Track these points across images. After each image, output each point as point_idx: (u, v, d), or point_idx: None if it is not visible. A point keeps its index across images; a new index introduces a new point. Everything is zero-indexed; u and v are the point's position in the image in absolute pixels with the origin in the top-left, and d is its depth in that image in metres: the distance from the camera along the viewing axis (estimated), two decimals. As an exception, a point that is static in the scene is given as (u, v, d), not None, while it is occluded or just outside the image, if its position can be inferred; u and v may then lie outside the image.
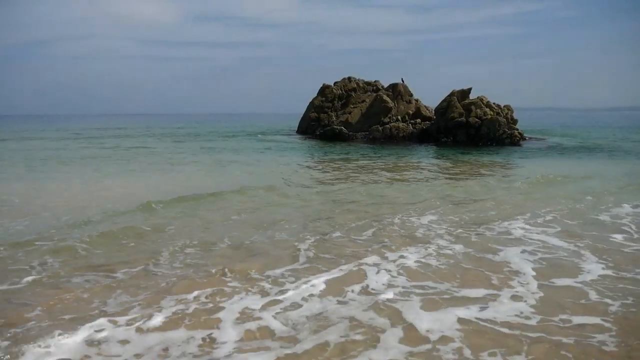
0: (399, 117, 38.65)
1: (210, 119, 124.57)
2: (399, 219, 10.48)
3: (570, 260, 7.83)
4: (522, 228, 9.81)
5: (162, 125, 70.09)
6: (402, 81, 40.71)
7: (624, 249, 8.43)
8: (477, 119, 34.08)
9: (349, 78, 43.64)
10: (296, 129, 47.76)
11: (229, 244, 8.55)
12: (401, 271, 7.17)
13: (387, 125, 37.50)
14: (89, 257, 7.75)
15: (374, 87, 42.67)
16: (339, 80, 43.89)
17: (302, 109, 46.16)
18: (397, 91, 39.92)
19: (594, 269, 7.36)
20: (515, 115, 35.95)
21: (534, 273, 7.16)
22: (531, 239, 9.04)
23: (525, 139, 35.08)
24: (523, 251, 8.22)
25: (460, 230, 9.67)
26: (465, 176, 17.99)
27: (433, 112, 37.94)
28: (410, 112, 39.27)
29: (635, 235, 9.31)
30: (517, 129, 34.96)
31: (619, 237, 9.16)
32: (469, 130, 33.96)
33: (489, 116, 34.23)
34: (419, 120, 38.37)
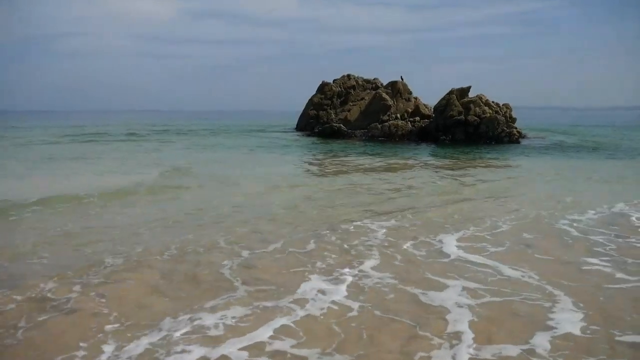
0: (398, 115, 38.59)
1: (210, 116, 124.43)
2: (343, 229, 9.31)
3: (529, 304, 5.94)
4: (465, 247, 8.22)
5: (181, 124, 67.73)
6: (402, 79, 40.65)
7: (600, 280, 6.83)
8: (476, 118, 34.05)
9: (348, 75, 43.60)
10: (295, 126, 47.73)
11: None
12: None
13: (386, 123, 37.43)
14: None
15: (373, 85, 42.63)
16: (338, 77, 43.85)
17: (302, 107, 46.13)
18: (396, 89, 39.85)
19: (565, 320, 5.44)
20: (514, 114, 35.97)
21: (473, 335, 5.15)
22: (475, 263, 7.43)
23: (523, 137, 35.11)
24: (464, 289, 6.39)
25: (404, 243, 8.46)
26: (449, 176, 18.00)
27: (432, 110, 37.91)
28: (409, 110, 39.22)
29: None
30: (516, 128, 34.97)
31: (594, 263, 7.53)
32: (468, 128, 33.94)
33: (488, 115, 34.21)
34: (418, 119, 38.31)
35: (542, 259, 7.71)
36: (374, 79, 43.41)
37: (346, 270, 7.02)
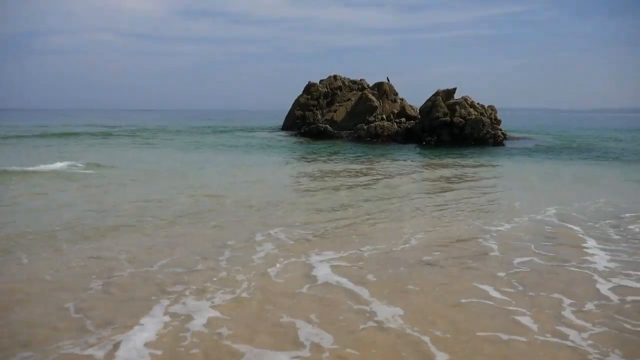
0: (384, 116, 38.62)
1: (198, 115, 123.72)
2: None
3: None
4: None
5: (177, 124, 65.09)
6: (388, 80, 40.70)
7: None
8: (461, 119, 34.16)
9: (335, 76, 43.58)
10: (281, 126, 47.59)
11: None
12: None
13: (372, 124, 37.43)
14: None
15: (360, 86, 42.63)
16: (325, 78, 43.81)
17: (289, 107, 46.03)
18: (383, 90, 39.89)
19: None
20: (499, 116, 36.14)
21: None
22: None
23: (507, 139, 35.28)
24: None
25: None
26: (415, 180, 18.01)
27: (418, 111, 37.98)
28: (395, 111, 39.27)
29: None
30: (501, 129, 35.12)
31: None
32: (453, 130, 34.04)
33: (473, 116, 34.32)
34: (403, 120, 38.36)
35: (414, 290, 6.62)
36: (360, 80, 43.42)
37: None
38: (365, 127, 37.35)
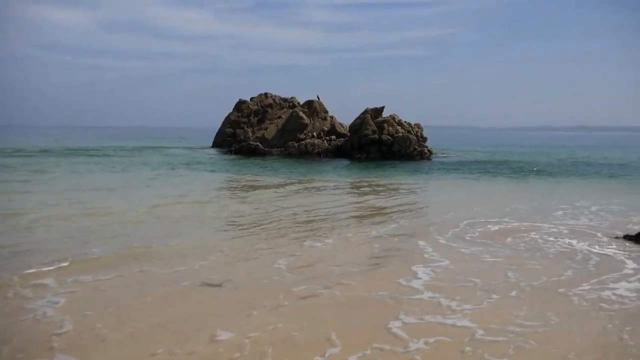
0: (315, 134, 38.99)
1: (123, 132, 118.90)
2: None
3: None
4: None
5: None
6: (318, 98, 41.20)
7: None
8: (389, 137, 35.09)
9: (266, 94, 43.59)
10: (211, 144, 46.82)
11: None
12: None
13: (303, 142, 37.70)
14: None
15: (290, 104, 42.87)
16: (256, 96, 43.72)
17: (220, 124, 45.43)
18: (313, 108, 40.32)
19: None
20: (425, 133, 37.46)
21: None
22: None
23: (433, 154, 36.47)
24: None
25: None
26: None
27: (347, 129, 38.66)
28: (326, 128, 39.77)
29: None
30: (427, 147, 36.41)
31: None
32: (382, 147, 34.89)
33: (401, 134, 35.39)
34: (334, 137, 38.92)
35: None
36: (290, 98, 43.67)
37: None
38: (296, 144, 37.52)
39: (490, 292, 7.20)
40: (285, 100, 43.51)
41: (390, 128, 35.67)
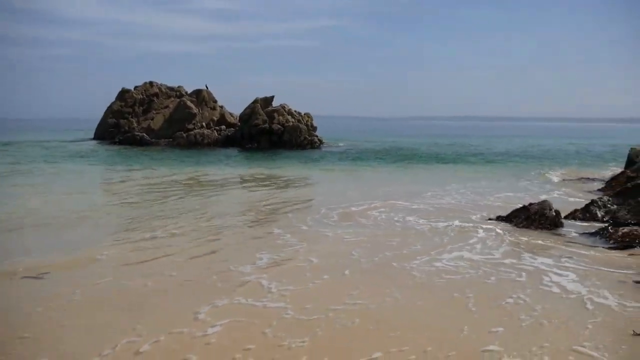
0: (204, 124, 38.14)
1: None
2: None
3: None
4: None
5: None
6: (206, 88, 40.28)
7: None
8: (279, 126, 35.26)
9: (151, 83, 41.71)
10: (92, 135, 43.87)
11: None
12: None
13: (192, 132, 36.75)
14: None
15: (178, 93, 41.44)
16: (140, 84, 41.68)
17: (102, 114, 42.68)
18: (202, 97, 39.36)
19: None
20: (315, 123, 38.10)
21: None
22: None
23: (323, 144, 37.18)
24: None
25: None
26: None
27: (238, 118, 38.25)
28: (215, 118, 39.04)
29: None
30: (317, 136, 37.10)
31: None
32: (272, 136, 34.98)
33: (291, 123, 35.70)
34: (224, 127, 38.35)
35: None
36: (178, 87, 42.20)
37: None
38: (185, 135, 36.48)
39: (323, 273, 7.22)
40: (172, 89, 41.93)
41: (281, 117, 35.85)
